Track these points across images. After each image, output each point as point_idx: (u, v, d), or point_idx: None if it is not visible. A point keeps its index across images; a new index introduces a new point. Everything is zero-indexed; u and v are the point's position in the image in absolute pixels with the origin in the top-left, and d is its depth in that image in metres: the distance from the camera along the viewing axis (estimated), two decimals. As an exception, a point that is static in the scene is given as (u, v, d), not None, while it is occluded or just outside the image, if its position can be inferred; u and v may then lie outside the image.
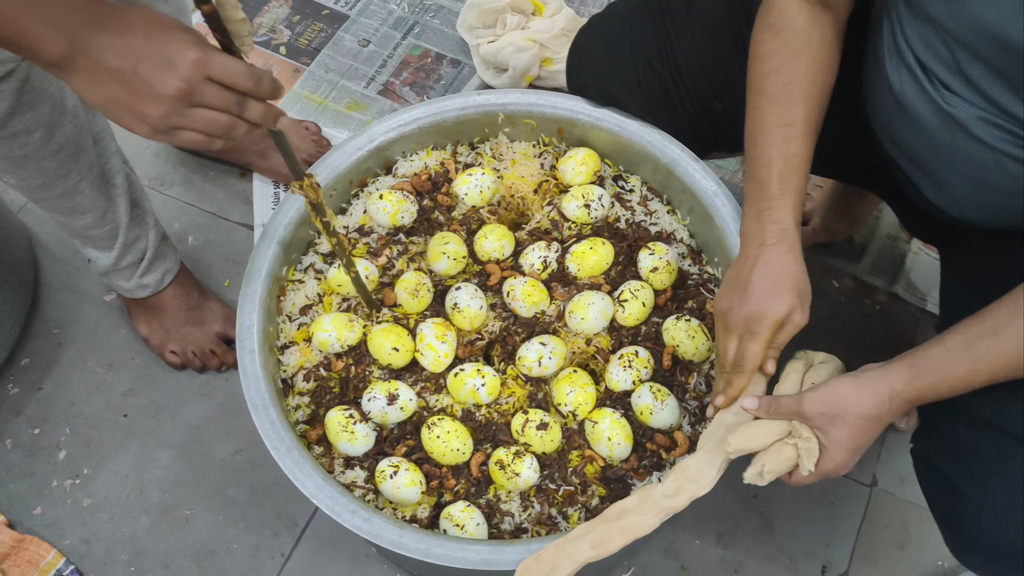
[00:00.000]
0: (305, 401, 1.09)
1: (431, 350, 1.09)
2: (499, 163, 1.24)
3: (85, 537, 1.33)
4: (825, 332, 1.47)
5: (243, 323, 1.07)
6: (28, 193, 1.18)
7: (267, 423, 1.00)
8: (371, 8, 1.80)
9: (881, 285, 1.51)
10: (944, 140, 0.91)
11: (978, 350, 0.81)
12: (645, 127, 1.18)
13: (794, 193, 0.93)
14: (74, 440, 1.40)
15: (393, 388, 1.06)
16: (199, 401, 1.43)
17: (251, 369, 1.04)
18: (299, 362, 1.11)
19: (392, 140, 1.21)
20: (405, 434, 1.07)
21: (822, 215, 1.51)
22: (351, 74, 1.72)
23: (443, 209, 1.21)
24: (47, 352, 1.46)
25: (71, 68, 0.72)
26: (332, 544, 1.32)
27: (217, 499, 1.35)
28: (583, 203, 1.18)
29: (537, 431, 1.04)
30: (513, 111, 1.23)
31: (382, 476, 1.02)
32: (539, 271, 1.16)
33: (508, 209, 1.22)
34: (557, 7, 1.68)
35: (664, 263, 1.14)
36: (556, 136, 1.24)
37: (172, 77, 0.71)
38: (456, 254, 1.15)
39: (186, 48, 0.72)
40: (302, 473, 0.98)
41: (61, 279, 1.53)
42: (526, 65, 1.62)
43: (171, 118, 0.74)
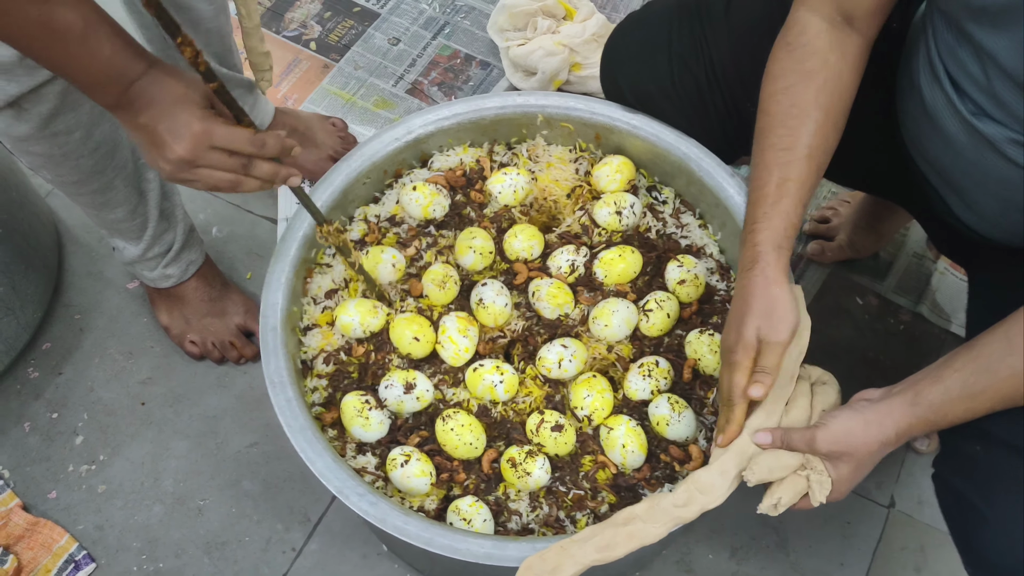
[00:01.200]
0: (323, 384, 1.09)
1: (452, 343, 1.09)
2: (534, 165, 1.24)
3: (98, 523, 1.33)
4: (848, 350, 1.46)
5: (268, 300, 1.07)
6: (63, 188, 1.20)
7: (283, 400, 1.01)
8: (402, 7, 1.80)
9: (906, 304, 1.49)
10: (973, 158, 0.91)
11: (975, 388, 0.83)
12: (682, 138, 1.18)
13: (779, 216, 0.92)
14: (91, 426, 1.40)
15: (411, 377, 1.06)
16: (216, 392, 1.43)
17: (272, 346, 1.04)
18: (320, 344, 1.11)
19: (430, 133, 1.22)
20: (419, 424, 1.07)
21: (849, 231, 1.50)
22: (380, 72, 1.73)
23: (475, 205, 1.21)
24: (68, 337, 1.47)
25: (119, 115, 0.87)
26: (343, 541, 1.32)
27: (231, 491, 1.35)
28: (615, 210, 1.18)
29: (552, 432, 1.04)
30: (552, 114, 1.23)
31: (393, 464, 1.02)
32: (566, 274, 1.15)
33: (540, 211, 1.22)
34: (588, 12, 1.68)
35: (692, 276, 1.14)
36: (593, 142, 1.24)
37: (178, 146, 0.86)
38: (483, 249, 1.15)
39: (192, 122, 0.86)
40: (313, 452, 0.98)
41: (85, 265, 1.53)
42: (555, 69, 1.61)
43: (179, 174, 0.89)
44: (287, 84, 1.71)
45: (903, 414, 0.86)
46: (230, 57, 1.41)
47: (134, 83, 0.85)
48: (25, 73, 0.99)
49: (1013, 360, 0.81)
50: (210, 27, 1.33)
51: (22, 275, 1.40)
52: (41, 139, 1.08)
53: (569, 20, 1.69)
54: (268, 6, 1.81)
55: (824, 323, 1.47)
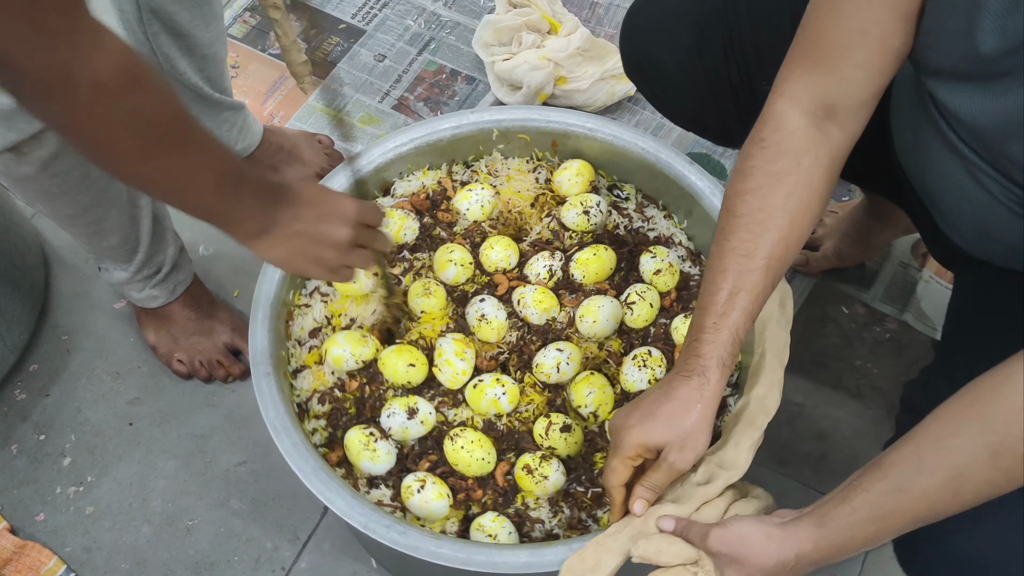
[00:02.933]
0: (322, 424, 1.09)
1: (449, 366, 1.09)
2: (495, 179, 1.26)
3: (86, 545, 1.32)
4: (835, 359, 1.46)
5: (256, 347, 1.07)
6: (58, 221, 1.21)
7: (289, 445, 1.00)
8: (387, 23, 1.81)
9: (891, 313, 1.50)
10: (956, 183, 0.91)
11: (884, 508, 0.78)
12: (638, 135, 1.21)
13: (728, 330, 0.88)
14: (79, 447, 1.40)
15: (412, 403, 1.07)
16: (204, 411, 1.43)
17: (268, 392, 1.04)
18: (313, 385, 1.11)
19: (389, 161, 1.23)
20: (427, 449, 1.07)
21: (836, 241, 1.50)
22: (366, 88, 1.73)
23: (444, 225, 1.22)
24: (55, 358, 1.47)
25: (260, 239, 0.91)
26: (333, 558, 1.31)
27: (219, 510, 1.35)
28: (582, 210, 1.20)
29: (561, 433, 1.05)
30: (507, 127, 1.24)
31: (409, 492, 1.02)
32: (546, 280, 1.17)
33: (506, 224, 1.23)
34: (573, 27, 1.69)
35: (667, 265, 1.16)
36: (550, 150, 1.26)
37: (346, 227, 0.94)
38: (463, 260, 1.17)
39: (349, 204, 0.94)
40: (331, 493, 0.98)
41: (72, 285, 1.53)
42: (540, 83, 1.62)
43: (344, 258, 0.96)
44: (273, 102, 1.72)
45: (807, 536, 0.80)
46: (222, 81, 1.42)
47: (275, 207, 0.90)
48: (25, 120, 1.00)
49: (925, 479, 0.76)
50: (206, 53, 1.34)
51: (8, 296, 1.39)
52: (40, 179, 1.09)
53: (554, 34, 1.70)
54: (253, 24, 1.82)
55: (811, 332, 1.48)
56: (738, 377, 1.13)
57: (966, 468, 0.75)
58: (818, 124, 0.88)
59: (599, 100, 1.65)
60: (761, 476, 1.35)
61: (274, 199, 0.90)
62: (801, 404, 1.42)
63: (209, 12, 1.30)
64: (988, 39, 0.77)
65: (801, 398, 1.43)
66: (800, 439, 1.40)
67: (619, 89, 1.66)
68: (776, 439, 1.39)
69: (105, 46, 0.71)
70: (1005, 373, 0.76)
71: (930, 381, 0.97)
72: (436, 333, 1.13)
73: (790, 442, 1.39)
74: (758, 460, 1.35)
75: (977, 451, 0.74)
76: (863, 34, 0.84)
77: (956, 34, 0.79)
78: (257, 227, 0.90)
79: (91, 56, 0.70)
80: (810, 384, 1.44)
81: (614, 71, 1.65)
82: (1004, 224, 0.90)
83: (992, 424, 0.74)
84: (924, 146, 0.93)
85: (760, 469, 1.36)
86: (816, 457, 1.38)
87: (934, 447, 0.76)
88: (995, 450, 0.74)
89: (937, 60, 0.84)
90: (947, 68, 0.83)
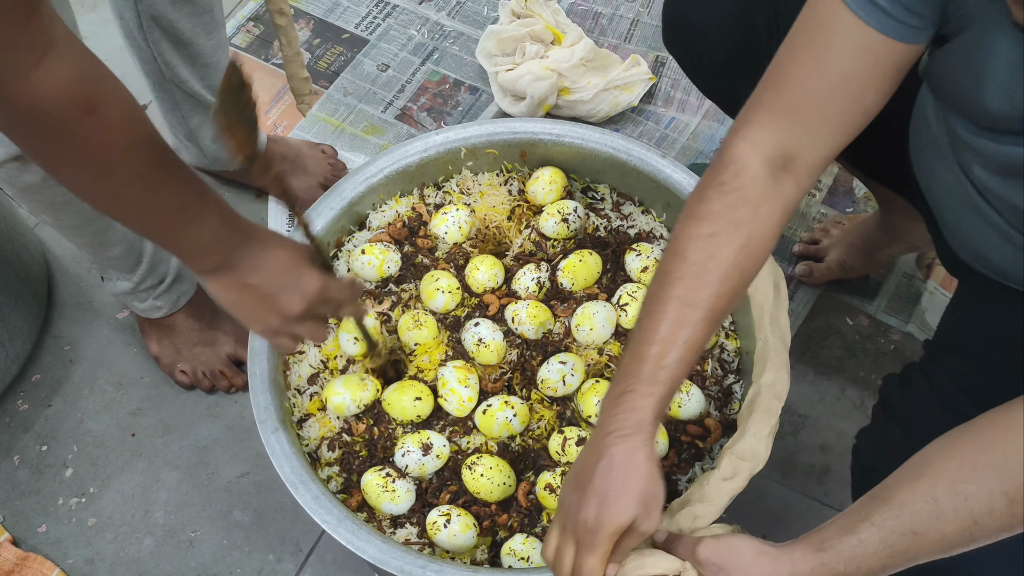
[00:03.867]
0: (335, 471, 1.08)
1: (454, 395, 1.09)
2: (467, 197, 1.25)
3: (89, 557, 1.32)
4: (838, 371, 1.46)
5: (259, 403, 1.06)
6: (63, 231, 1.21)
7: (310, 499, 1.00)
8: (391, 33, 1.81)
9: (896, 324, 1.50)
10: (955, 200, 0.91)
11: (896, 548, 0.76)
12: (606, 134, 1.22)
13: (667, 383, 0.84)
14: (81, 458, 1.39)
15: (425, 438, 1.06)
16: (207, 422, 1.42)
17: (280, 448, 1.03)
18: (320, 433, 1.10)
19: (361, 194, 1.22)
20: (445, 481, 1.07)
21: (840, 252, 1.50)
22: (369, 98, 1.73)
23: (425, 252, 1.22)
24: (58, 369, 1.47)
25: (214, 276, 0.89)
26: (335, 571, 1.31)
27: (222, 522, 1.34)
28: (560, 218, 1.20)
29: (578, 447, 1.05)
30: (475, 143, 1.24)
31: (435, 528, 1.01)
32: (535, 293, 1.16)
33: (486, 241, 1.23)
34: (576, 37, 1.69)
35: (652, 261, 1.17)
36: (519, 160, 1.26)
37: (300, 302, 0.92)
38: (450, 287, 1.16)
39: (314, 280, 0.92)
40: (361, 541, 0.97)
41: (74, 296, 1.53)
42: (544, 94, 1.62)
43: (288, 328, 0.94)
44: (276, 111, 1.72)
45: (804, 558, 0.78)
46: None
47: (236, 248, 0.88)
48: None
49: (940, 525, 0.75)
50: (208, 61, 1.34)
51: (11, 307, 1.39)
52: (45, 188, 1.09)
53: (557, 45, 1.70)
54: (257, 34, 1.82)
55: (815, 344, 1.48)
56: (740, 363, 1.13)
57: (983, 516, 0.74)
58: (776, 175, 0.85)
59: (602, 111, 1.65)
60: (765, 488, 1.36)
61: (241, 240, 0.88)
62: (805, 416, 1.42)
63: (211, 20, 1.30)
64: (995, 104, 0.77)
65: (805, 410, 1.42)
66: (804, 451, 1.39)
67: (623, 99, 1.66)
68: (780, 451, 1.38)
69: (56, 65, 0.68)
70: (1019, 417, 0.75)
71: (911, 378, 0.97)
72: (435, 364, 1.12)
73: (794, 454, 1.39)
74: (761, 473, 1.35)
75: (994, 499, 0.74)
76: (841, 87, 0.82)
77: (966, 91, 0.80)
78: (213, 264, 0.88)
79: (33, 73, 0.67)
80: (814, 396, 1.43)
81: (617, 81, 1.65)
82: (994, 247, 0.91)
83: (1008, 470, 0.74)
84: (930, 158, 0.94)
85: (763, 481, 1.36)
86: (820, 469, 1.38)
87: (951, 492, 0.75)
88: (1012, 497, 0.74)
89: (952, 104, 0.84)
90: (960, 111, 0.83)
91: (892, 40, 0.79)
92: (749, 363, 1.06)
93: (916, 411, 0.94)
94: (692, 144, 1.66)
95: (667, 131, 1.68)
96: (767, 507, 1.34)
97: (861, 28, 0.79)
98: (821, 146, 0.85)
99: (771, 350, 0.99)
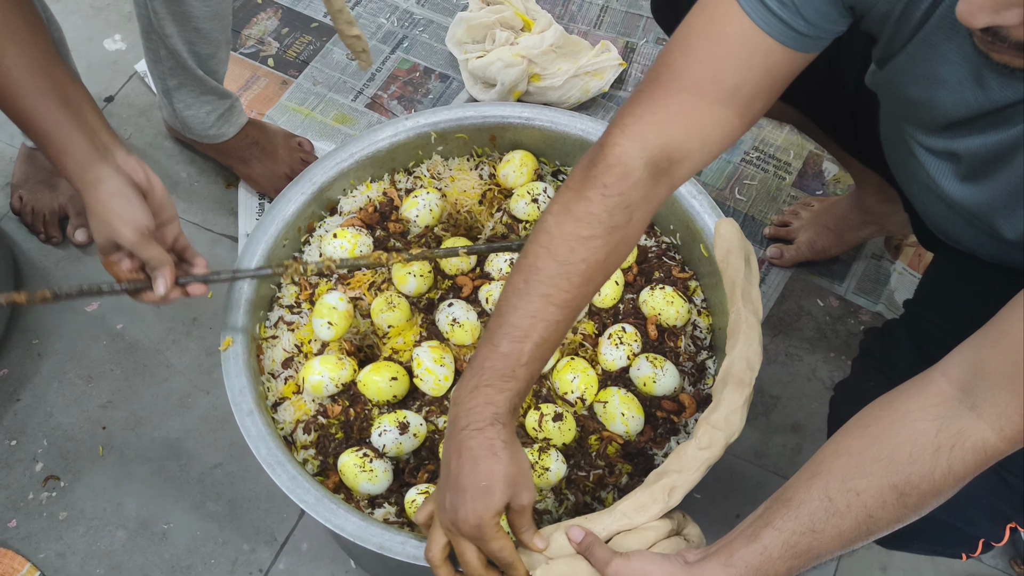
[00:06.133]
0: (311, 454, 1.08)
1: (430, 374, 1.09)
2: (439, 182, 1.25)
3: (60, 551, 1.31)
4: (809, 352, 1.47)
5: (233, 386, 1.05)
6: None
7: (287, 479, 0.99)
8: (360, 22, 1.80)
9: (865, 304, 1.51)
10: (920, 186, 0.93)
11: (798, 548, 0.78)
12: (575, 117, 1.22)
13: (524, 381, 0.84)
14: (51, 452, 1.38)
15: (401, 417, 1.06)
16: (179, 414, 1.41)
17: (255, 430, 1.03)
18: (295, 416, 1.09)
19: (331, 180, 1.21)
20: (422, 460, 1.07)
21: (810, 234, 1.51)
22: (339, 87, 1.72)
23: (397, 236, 1.22)
24: (26, 363, 1.45)
25: None
26: (311, 559, 1.30)
27: (195, 513, 1.33)
28: (530, 199, 1.21)
29: (554, 423, 1.05)
30: (444, 128, 1.24)
31: (414, 506, 1.01)
32: (508, 273, 1.16)
33: (458, 225, 1.23)
34: (546, 23, 1.69)
35: None
36: (489, 145, 1.26)
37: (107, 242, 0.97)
38: (421, 271, 1.16)
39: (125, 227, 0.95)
40: (340, 519, 0.97)
41: (42, 289, 1.51)
42: (514, 80, 1.62)
43: None
44: (244, 101, 1.70)
45: (713, 573, 0.79)
46: (211, 63, 1.40)
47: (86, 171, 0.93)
48: None
49: (837, 520, 0.77)
50: (200, 27, 1.33)
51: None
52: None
53: (527, 31, 1.69)
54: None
55: (785, 326, 1.49)
56: (713, 339, 1.14)
57: (876, 510, 0.77)
58: (655, 178, 0.85)
59: (573, 96, 1.65)
60: (738, 467, 1.37)
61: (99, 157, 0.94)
62: (777, 397, 1.43)
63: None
64: (951, 111, 0.79)
65: (777, 391, 1.44)
66: (776, 431, 1.40)
67: (593, 85, 1.66)
68: (753, 431, 1.40)
69: None
70: (901, 411, 0.78)
71: (891, 330, 1.00)
72: (410, 345, 1.12)
73: (766, 434, 1.40)
74: (734, 453, 1.37)
75: (884, 493, 0.77)
76: (734, 94, 0.83)
77: (919, 99, 0.82)
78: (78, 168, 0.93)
79: None
80: (785, 376, 1.45)
81: (588, 67, 1.65)
82: (961, 231, 0.94)
83: (895, 464, 0.77)
84: (897, 145, 0.95)
85: (737, 461, 1.37)
86: (792, 449, 1.39)
87: (842, 489, 0.78)
88: (902, 490, 0.77)
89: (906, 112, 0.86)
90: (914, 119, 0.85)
91: (788, 48, 0.81)
92: (722, 339, 1.07)
93: (895, 361, 0.96)
94: (663, 129, 1.67)
95: (638, 117, 1.68)
96: (741, 486, 1.35)
97: (759, 36, 0.80)
98: (705, 152, 0.86)
99: (743, 322, 1.00)
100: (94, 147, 0.93)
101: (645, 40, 1.77)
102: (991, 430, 0.75)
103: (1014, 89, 0.74)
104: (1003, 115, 0.77)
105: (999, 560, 1.33)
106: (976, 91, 0.76)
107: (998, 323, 0.76)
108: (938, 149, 0.86)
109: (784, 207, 1.59)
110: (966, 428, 0.76)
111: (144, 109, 1.68)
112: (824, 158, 1.64)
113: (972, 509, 0.86)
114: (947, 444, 0.76)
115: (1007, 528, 0.94)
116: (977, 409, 0.76)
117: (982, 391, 0.75)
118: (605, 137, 0.85)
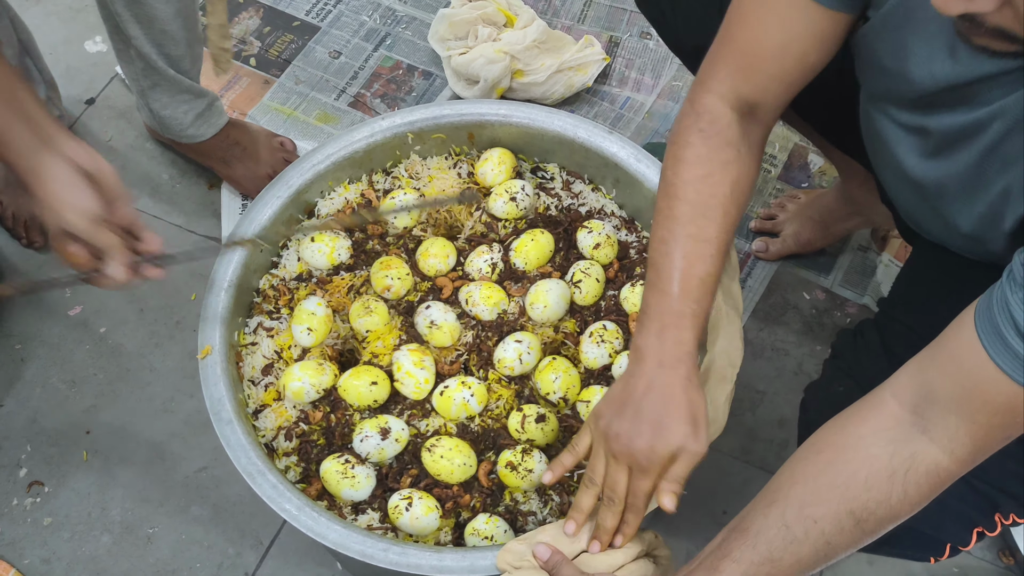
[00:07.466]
0: (293, 461, 1.07)
1: (410, 378, 1.08)
2: (417, 182, 1.24)
3: (45, 556, 1.30)
4: (797, 346, 1.46)
5: (212, 395, 1.04)
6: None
7: (268, 488, 0.99)
8: (342, 20, 1.79)
9: (851, 297, 1.51)
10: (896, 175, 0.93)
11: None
12: (553, 113, 1.22)
13: (702, 315, 0.89)
14: (35, 457, 1.37)
15: (383, 422, 1.05)
16: (163, 418, 1.40)
17: (235, 440, 1.02)
18: (276, 423, 1.09)
19: (308, 182, 1.20)
20: (405, 465, 1.06)
21: (796, 226, 1.51)
22: (321, 86, 1.71)
23: (375, 238, 1.21)
24: (9, 367, 1.44)
25: None
26: (297, 563, 1.30)
27: (180, 517, 1.33)
28: (508, 197, 1.20)
29: (537, 424, 1.05)
30: (422, 127, 1.23)
31: (397, 511, 1.01)
32: (489, 274, 1.16)
33: (437, 225, 1.22)
34: (529, 19, 1.68)
35: (604, 237, 1.17)
36: (467, 142, 1.26)
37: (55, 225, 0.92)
38: (399, 274, 1.15)
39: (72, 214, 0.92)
40: (322, 527, 0.97)
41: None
42: (497, 77, 1.61)
43: None
44: (226, 101, 1.69)
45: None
46: (182, 63, 1.39)
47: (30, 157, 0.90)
48: None
49: (795, 548, 0.78)
50: (165, 28, 1.32)
51: (-43, 306, 1.36)
52: None
53: (510, 27, 1.68)
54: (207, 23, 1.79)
55: (772, 320, 1.48)
56: None
57: (833, 536, 0.78)
58: (744, 119, 0.92)
59: (557, 92, 1.64)
60: (725, 464, 1.36)
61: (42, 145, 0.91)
62: (763, 392, 1.43)
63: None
64: (920, 83, 0.80)
65: (763, 385, 1.43)
66: (762, 426, 1.40)
67: (577, 81, 1.65)
68: (739, 427, 1.39)
69: None
70: (854, 435, 0.79)
71: (863, 331, 1.01)
72: (389, 349, 1.11)
73: (753, 430, 1.40)
74: (721, 449, 1.36)
75: (842, 519, 0.78)
76: (783, 49, 0.88)
77: (891, 67, 0.83)
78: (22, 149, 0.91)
79: None
80: (772, 371, 1.44)
81: (571, 63, 1.64)
82: (929, 220, 0.95)
83: (850, 490, 0.77)
84: (873, 130, 0.94)
85: (724, 457, 1.37)
86: (779, 444, 1.39)
87: (799, 516, 0.78)
88: (859, 517, 0.77)
89: (874, 88, 0.88)
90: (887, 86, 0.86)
91: (825, 8, 0.84)
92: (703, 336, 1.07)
93: (864, 363, 0.97)
94: (648, 123, 1.66)
95: (622, 111, 1.68)
96: (728, 482, 1.35)
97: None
98: (773, 98, 0.92)
99: (723, 318, 1.00)
100: (36, 136, 0.91)
101: (629, 34, 1.76)
102: (943, 453, 0.76)
103: (981, 63, 0.74)
104: (971, 91, 0.77)
105: (987, 552, 1.32)
106: (946, 63, 0.77)
107: (945, 344, 0.77)
108: (911, 125, 0.86)
109: (770, 200, 1.59)
110: (919, 452, 0.76)
111: (125, 111, 1.67)
112: (809, 150, 1.64)
113: (940, 515, 0.86)
114: (901, 469, 0.76)
115: (974, 532, 0.94)
116: (929, 433, 0.76)
117: (932, 415, 0.76)
118: (691, 95, 0.93)
